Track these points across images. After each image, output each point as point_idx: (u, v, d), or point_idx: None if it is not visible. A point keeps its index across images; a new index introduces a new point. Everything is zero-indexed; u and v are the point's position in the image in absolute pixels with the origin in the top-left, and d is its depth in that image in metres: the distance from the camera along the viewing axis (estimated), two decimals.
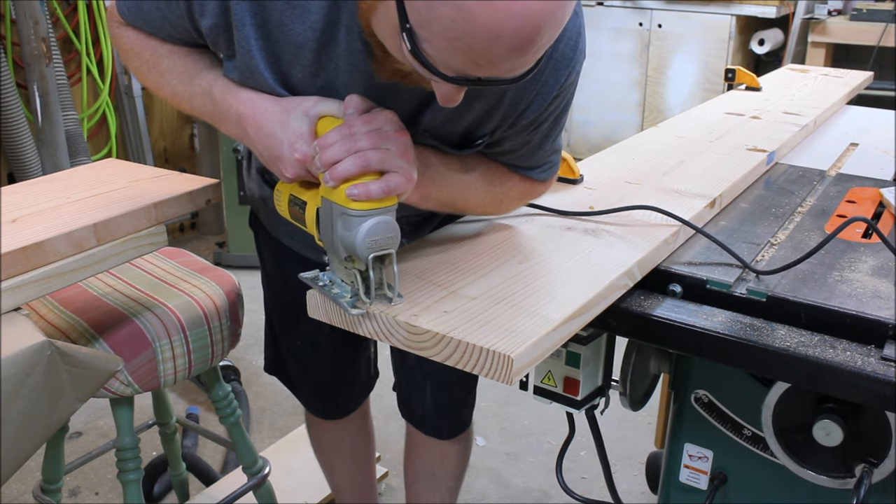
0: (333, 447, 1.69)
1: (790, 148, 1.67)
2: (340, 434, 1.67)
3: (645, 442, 2.27)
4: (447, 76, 0.77)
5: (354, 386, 1.58)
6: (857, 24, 3.81)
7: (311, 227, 0.95)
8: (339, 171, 0.85)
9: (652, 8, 4.17)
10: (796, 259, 1.05)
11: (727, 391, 1.11)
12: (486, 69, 0.75)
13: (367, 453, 1.75)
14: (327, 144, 0.87)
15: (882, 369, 0.88)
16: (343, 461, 1.71)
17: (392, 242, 0.87)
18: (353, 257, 0.87)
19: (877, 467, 1.00)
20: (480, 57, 0.73)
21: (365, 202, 0.85)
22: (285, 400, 2.59)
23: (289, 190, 1.00)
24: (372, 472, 1.79)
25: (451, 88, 0.82)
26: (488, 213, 1.17)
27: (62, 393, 1.04)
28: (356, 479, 1.75)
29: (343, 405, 1.60)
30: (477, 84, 0.78)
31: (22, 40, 2.93)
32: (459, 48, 0.73)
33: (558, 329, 0.88)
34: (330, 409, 1.60)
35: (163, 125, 3.83)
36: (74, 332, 1.30)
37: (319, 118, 0.93)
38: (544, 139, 1.08)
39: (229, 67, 1.00)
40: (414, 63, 0.78)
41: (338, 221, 0.87)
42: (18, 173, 2.98)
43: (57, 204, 1.22)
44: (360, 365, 1.54)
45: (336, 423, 1.63)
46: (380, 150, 0.87)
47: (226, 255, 3.50)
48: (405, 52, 0.78)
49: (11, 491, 2.12)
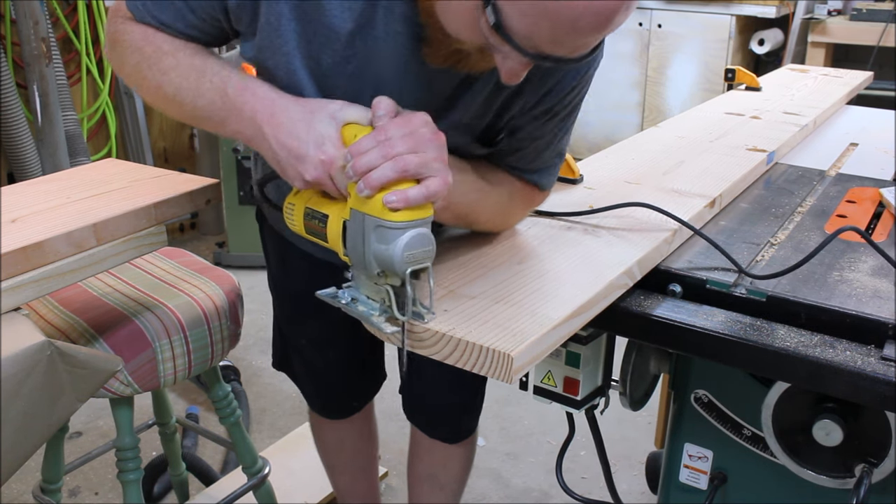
0: (336, 447, 1.69)
1: (790, 148, 1.67)
2: (344, 434, 1.66)
3: (645, 442, 2.27)
4: (527, 52, 0.78)
5: (359, 386, 1.58)
6: (856, 24, 3.81)
7: (336, 242, 0.89)
8: (375, 178, 0.81)
9: (652, 8, 4.17)
10: (790, 266, 1.04)
11: (727, 391, 1.11)
12: (563, 47, 0.78)
13: (370, 454, 1.75)
14: (361, 151, 0.83)
15: (882, 369, 0.88)
16: (346, 461, 1.71)
17: (429, 256, 0.82)
18: (388, 272, 0.82)
19: (877, 467, 1.00)
20: (563, 34, 0.76)
21: (403, 212, 0.80)
22: (285, 400, 2.59)
23: (304, 202, 0.94)
24: (374, 472, 1.79)
25: (520, 65, 0.83)
26: (495, 226, 1.14)
27: (62, 393, 1.04)
28: (358, 479, 1.75)
29: (346, 405, 1.60)
30: (546, 61, 0.80)
31: (22, 40, 2.93)
32: (544, 25, 0.75)
33: (558, 328, 0.88)
34: (332, 408, 1.60)
35: (163, 125, 3.83)
36: (74, 332, 1.30)
37: (345, 124, 0.88)
38: (554, 136, 1.08)
39: (246, 48, 0.97)
40: (493, 38, 0.79)
41: (371, 235, 0.82)
42: (18, 173, 2.98)
43: (57, 204, 1.22)
44: (365, 365, 1.54)
45: (340, 422, 1.63)
46: (418, 154, 0.83)
47: (226, 255, 3.50)
48: (483, 27, 0.79)
49: (11, 491, 2.12)
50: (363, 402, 1.62)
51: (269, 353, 2.97)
